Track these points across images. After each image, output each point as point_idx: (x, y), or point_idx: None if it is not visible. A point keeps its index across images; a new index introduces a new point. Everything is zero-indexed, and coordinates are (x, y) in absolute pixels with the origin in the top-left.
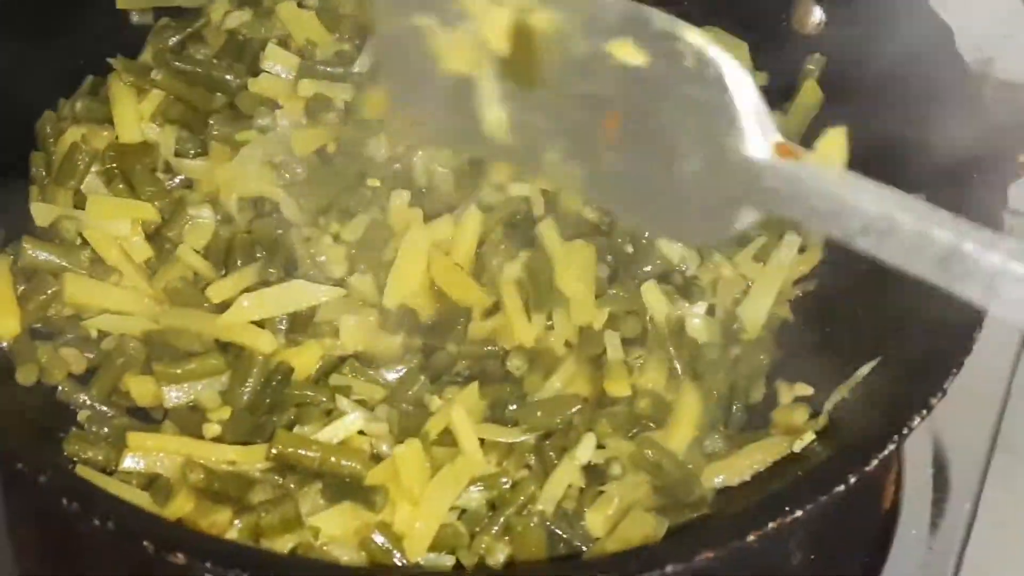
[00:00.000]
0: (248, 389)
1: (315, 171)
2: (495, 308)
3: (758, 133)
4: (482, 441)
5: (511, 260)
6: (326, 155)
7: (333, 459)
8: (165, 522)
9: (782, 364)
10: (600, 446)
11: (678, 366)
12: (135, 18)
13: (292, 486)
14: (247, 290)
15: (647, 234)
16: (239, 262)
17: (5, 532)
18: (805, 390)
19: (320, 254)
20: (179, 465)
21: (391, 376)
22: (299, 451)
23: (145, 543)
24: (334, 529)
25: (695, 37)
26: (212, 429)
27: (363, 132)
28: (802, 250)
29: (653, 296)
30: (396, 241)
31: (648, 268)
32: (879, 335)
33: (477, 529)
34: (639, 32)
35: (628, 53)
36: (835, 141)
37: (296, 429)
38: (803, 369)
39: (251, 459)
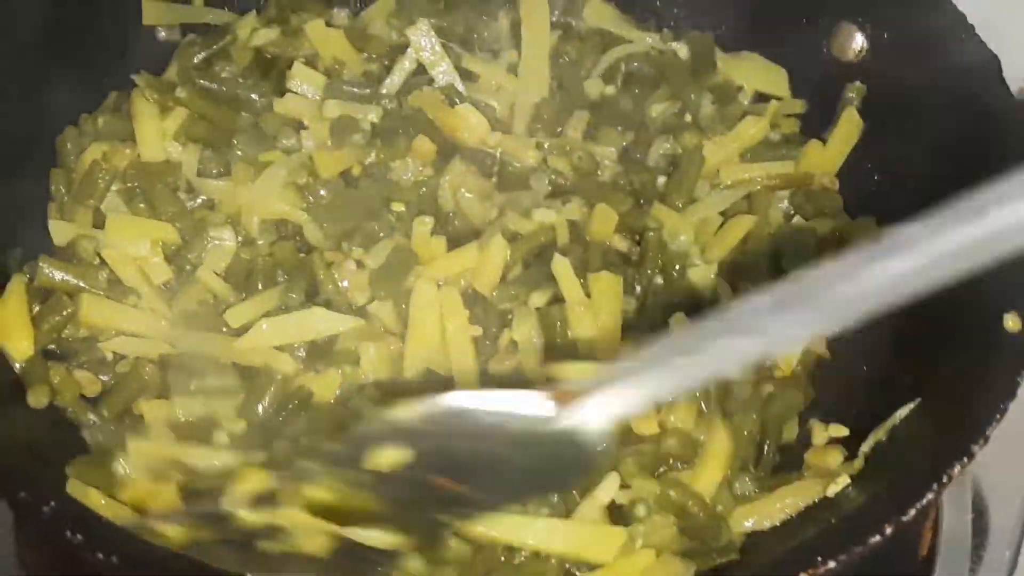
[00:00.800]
0: (264, 407)
1: (339, 194)
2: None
3: (537, 411)
4: None
5: (525, 308)
6: (351, 177)
7: None
8: (169, 556)
9: (817, 403)
10: (625, 486)
11: (706, 405)
12: (162, 34)
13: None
14: (267, 315)
15: (677, 265)
16: (260, 285)
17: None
18: (840, 431)
19: (343, 279)
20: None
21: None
22: None
23: None
24: None
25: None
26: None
27: (389, 154)
28: None
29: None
30: (420, 270)
31: (678, 300)
32: (919, 375)
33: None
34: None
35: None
36: (850, 121)
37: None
38: (839, 409)
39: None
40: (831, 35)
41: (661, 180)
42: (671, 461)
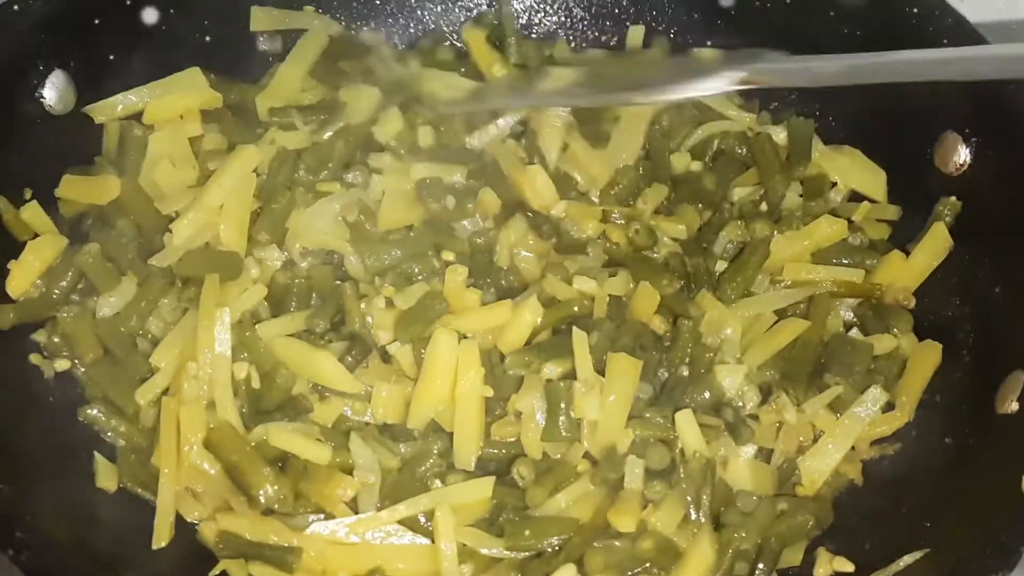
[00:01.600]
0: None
1: (391, 231)
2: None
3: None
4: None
5: (536, 377)
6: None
7: None
8: None
9: (833, 531)
10: None
11: (695, 511)
12: (263, 46)
13: None
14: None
15: (709, 355)
16: (292, 306)
17: None
18: (845, 566)
19: (370, 314)
20: None
21: (408, 450)
22: None
23: None
24: None
25: None
26: None
27: (457, 215)
28: (890, 407)
29: (687, 427)
30: (447, 319)
31: (699, 396)
32: (938, 524)
33: None
34: None
35: None
36: (938, 237)
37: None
38: (853, 540)
39: None
40: (936, 143)
41: (722, 265)
42: (646, 564)
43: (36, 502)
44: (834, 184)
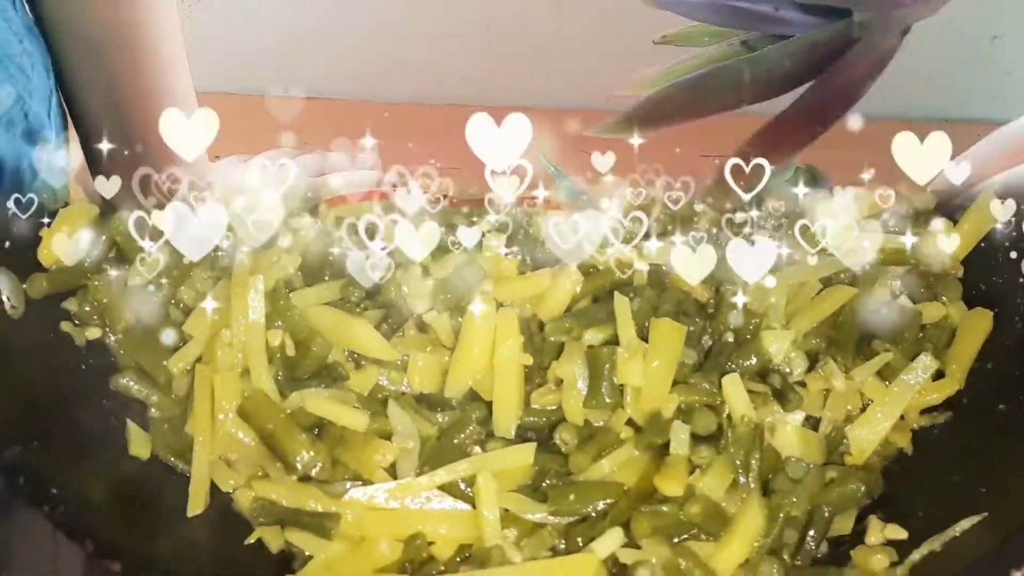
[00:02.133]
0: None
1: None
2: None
3: None
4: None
5: (577, 344)
6: None
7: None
8: None
9: (884, 499)
10: (636, 546)
11: (744, 476)
12: None
13: None
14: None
15: (754, 321)
16: (327, 275)
17: None
18: (898, 533)
19: (406, 283)
20: None
21: (446, 419)
22: None
23: None
24: None
25: None
26: None
27: None
28: (939, 376)
29: (734, 392)
30: (485, 288)
31: (745, 362)
32: (994, 490)
33: None
34: None
35: None
36: (986, 203)
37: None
38: (905, 508)
39: None
40: None
41: None
42: (693, 530)
43: (70, 466)
44: None
